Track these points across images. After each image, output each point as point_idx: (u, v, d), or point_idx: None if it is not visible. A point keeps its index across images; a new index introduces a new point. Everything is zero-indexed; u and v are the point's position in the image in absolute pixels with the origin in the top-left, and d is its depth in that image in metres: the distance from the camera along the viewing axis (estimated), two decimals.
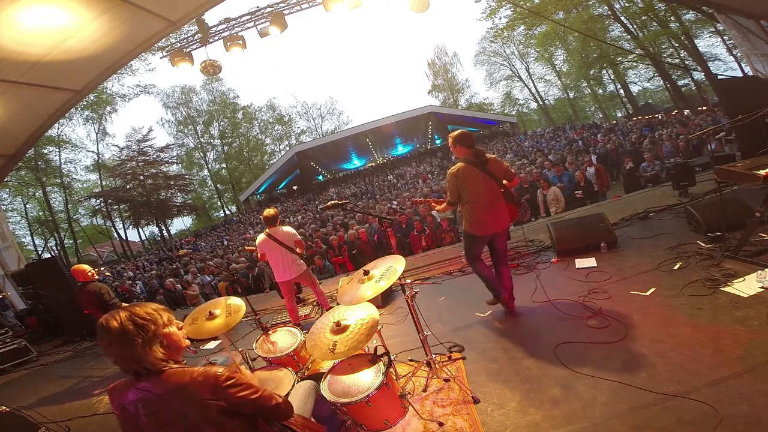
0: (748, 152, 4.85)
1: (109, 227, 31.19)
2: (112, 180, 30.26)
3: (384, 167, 28.24)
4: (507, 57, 35.89)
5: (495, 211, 2.95)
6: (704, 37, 21.82)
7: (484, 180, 2.90)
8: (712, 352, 2.10)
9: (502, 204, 2.98)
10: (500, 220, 2.99)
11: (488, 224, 2.97)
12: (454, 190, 3.00)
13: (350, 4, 5.98)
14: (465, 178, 2.90)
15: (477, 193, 2.91)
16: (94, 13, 4.18)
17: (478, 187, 2.90)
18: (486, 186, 2.90)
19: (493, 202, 2.93)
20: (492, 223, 2.97)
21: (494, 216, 2.96)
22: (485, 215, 2.94)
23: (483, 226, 2.98)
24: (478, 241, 3.11)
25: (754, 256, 2.88)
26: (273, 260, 3.84)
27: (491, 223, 2.97)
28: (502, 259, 3.19)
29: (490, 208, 2.94)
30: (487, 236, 3.05)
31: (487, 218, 2.95)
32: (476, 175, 2.89)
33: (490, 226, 2.98)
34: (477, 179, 2.89)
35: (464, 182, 2.91)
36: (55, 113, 6.03)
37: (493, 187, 2.92)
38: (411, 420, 2.14)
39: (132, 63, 24.04)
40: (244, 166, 39.10)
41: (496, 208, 2.95)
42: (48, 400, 3.88)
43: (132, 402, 1.18)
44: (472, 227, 3.03)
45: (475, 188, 2.90)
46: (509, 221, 3.08)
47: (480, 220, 2.96)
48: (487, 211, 2.93)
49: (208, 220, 36.58)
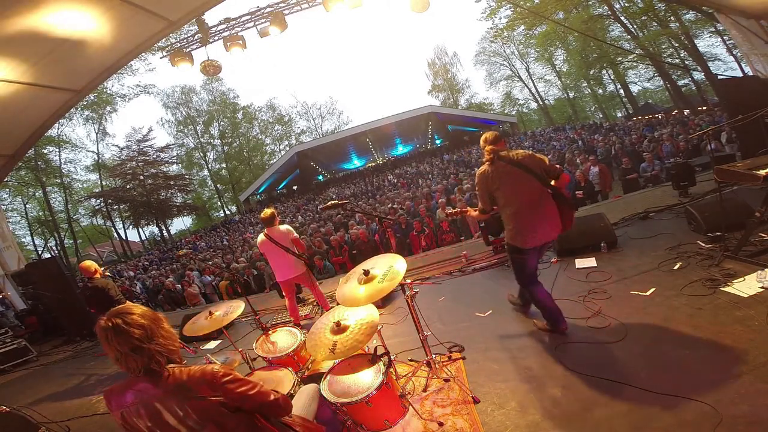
0: (748, 152, 4.86)
1: (109, 227, 31.24)
2: (112, 180, 30.30)
3: (384, 167, 28.24)
4: (507, 57, 35.91)
5: (542, 215, 2.42)
6: (704, 37, 21.84)
7: (522, 178, 2.40)
8: (712, 352, 2.10)
9: (551, 207, 2.43)
10: (551, 227, 2.44)
11: (536, 231, 2.42)
12: (484, 194, 2.55)
13: (350, 4, 5.98)
14: (496, 177, 2.44)
15: (515, 193, 2.42)
16: (94, 13, 4.18)
17: (516, 186, 2.41)
18: (526, 185, 2.41)
19: (538, 203, 2.41)
20: (540, 229, 2.42)
21: (542, 221, 2.42)
22: (530, 220, 2.42)
23: (530, 234, 2.43)
24: (528, 256, 2.53)
25: (754, 256, 2.88)
26: (273, 260, 3.84)
27: (540, 230, 2.42)
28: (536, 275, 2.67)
29: (535, 211, 2.41)
30: (537, 248, 2.50)
31: (534, 223, 2.42)
32: (510, 173, 2.40)
33: (538, 233, 2.43)
34: (512, 177, 2.40)
35: (495, 182, 2.45)
36: (55, 113, 6.03)
37: (535, 186, 2.42)
38: (411, 420, 2.14)
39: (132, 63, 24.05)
40: (244, 166, 39.09)
41: (542, 211, 2.42)
42: (48, 400, 3.88)
43: (131, 404, 1.19)
44: (516, 238, 2.48)
45: (510, 188, 2.42)
46: (561, 229, 2.49)
47: (525, 226, 2.43)
48: (532, 215, 2.42)
49: (208, 220, 36.57)
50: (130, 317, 1.19)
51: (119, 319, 1.17)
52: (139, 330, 1.17)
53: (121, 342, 1.15)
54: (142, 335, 1.17)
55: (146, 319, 1.22)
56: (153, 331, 1.21)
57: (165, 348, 1.23)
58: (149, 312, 1.25)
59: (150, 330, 1.20)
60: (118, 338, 1.15)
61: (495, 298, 3.56)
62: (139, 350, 1.16)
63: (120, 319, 1.17)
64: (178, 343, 1.30)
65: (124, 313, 1.19)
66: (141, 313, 1.22)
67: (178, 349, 1.29)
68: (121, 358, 1.17)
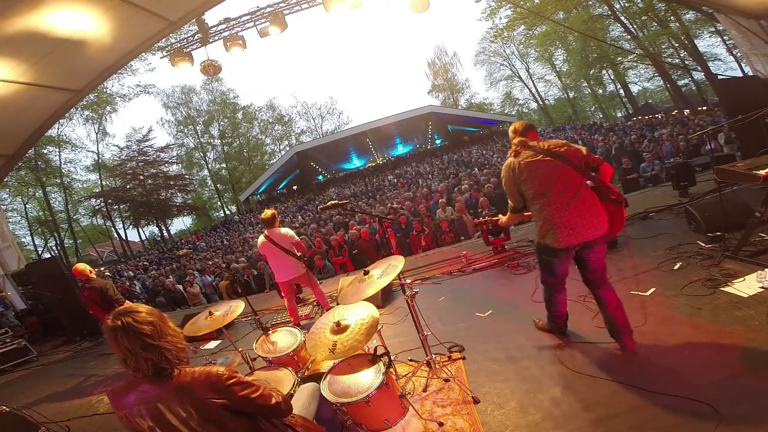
0: (748, 152, 4.86)
1: (109, 227, 31.26)
2: (112, 180, 30.32)
3: (384, 167, 28.24)
4: (507, 57, 35.95)
5: (580, 210, 2.09)
6: (704, 37, 21.87)
7: (555, 167, 2.10)
8: (712, 352, 2.10)
9: (593, 201, 2.12)
10: (593, 223, 2.10)
11: (574, 227, 2.10)
12: (512, 189, 2.26)
13: (350, 4, 5.99)
14: (523, 167, 2.16)
15: (546, 184, 2.12)
16: (94, 13, 4.19)
17: (548, 176, 2.11)
18: (560, 175, 2.09)
19: (576, 195, 2.09)
20: (580, 225, 2.09)
21: (581, 216, 2.09)
22: (566, 214, 2.09)
23: (565, 230, 2.11)
24: (560, 258, 2.23)
25: (754, 256, 2.88)
26: (273, 262, 3.83)
27: (579, 226, 2.09)
28: (598, 279, 2.28)
29: (573, 204, 2.09)
30: (569, 248, 2.16)
31: (571, 218, 2.09)
32: (541, 162, 2.12)
33: (577, 229, 2.09)
34: (543, 167, 2.11)
35: (522, 173, 2.16)
36: (55, 113, 6.04)
37: (572, 176, 2.09)
38: (411, 420, 2.14)
39: (132, 63, 24.06)
40: (244, 166, 39.10)
41: (582, 205, 2.09)
42: (48, 400, 3.87)
43: (134, 404, 1.19)
44: (547, 236, 2.18)
45: (541, 179, 2.12)
46: (606, 226, 2.14)
47: (559, 221, 2.11)
48: (568, 208, 2.09)
49: (208, 220, 36.59)
50: (139, 315, 1.19)
51: (129, 318, 1.17)
52: (149, 327, 1.18)
53: (132, 340, 1.15)
54: (152, 332, 1.18)
55: (153, 316, 1.22)
56: (161, 329, 1.21)
57: (174, 346, 1.23)
58: (155, 310, 1.26)
59: (159, 327, 1.21)
60: (128, 337, 1.15)
61: (495, 298, 3.56)
62: (150, 348, 1.17)
63: (129, 317, 1.17)
64: (184, 342, 1.31)
65: (131, 312, 1.20)
66: (148, 311, 1.23)
67: (186, 348, 1.30)
68: (131, 357, 1.16)
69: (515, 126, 2.33)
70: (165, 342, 1.20)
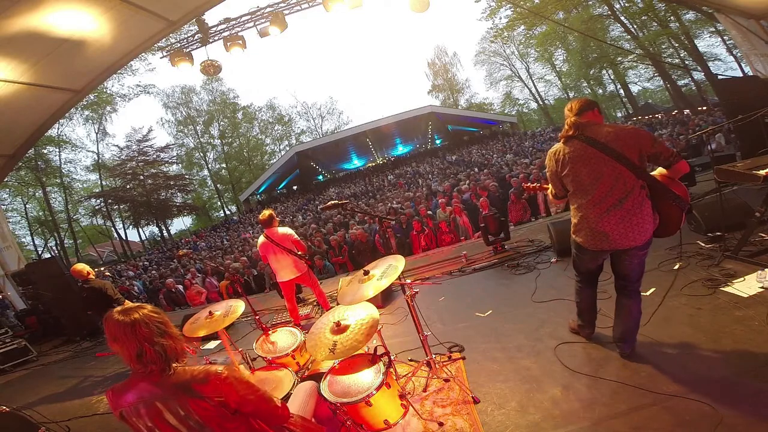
0: (748, 152, 4.86)
1: (109, 227, 31.23)
2: (112, 180, 30.31)
3: (384, 167, 28.25)
4: (507, 57, 35.95)
5: (620, 217, 1.90)
6: (704, 37, 21.90)
7: (602, 163, 1.87)
8: (712, 352, 2.10)
9: (639, 207, 1.88)
10: (630, 233, 1.90)
11: (607, 235, 1.93)
12: (554, 179, 2.11)
13: (350, 4, 5.99)
14: (568, 162, 1.97)
15: (588, 186, 1.93)
16: (94, 13, 4.19)
17: (590, 174, 1.90)
18: (606, 173, 1.87)
19: (620, 200, 1.88)
20: (615, 233, 1.92)
21: (619, 224, 1.90)
22: (600, 222, 1.94)
23: (596, 236, 1.98)
24: (586, 258, 2.16)
25: (754, 256, 2.88)
26: (274, 262, 3.83)
27: (614, 234, 1.92)
28: (627, 286, 2.13)
29: (613, 209, 1.90)
30: (597, 252, 2.05)
31: (606, 225, 1.92)
32: (586, 155, 1.90)
33: (611, 237, 1.93)
34: (587, 161, 1.90)
35: (565, 165, 1.98)
36: (55, 113, 6.04)
37: (620, 176, 1.86)
38: (411, 420, 2.14)
39: (132, 63, 24.05)
40: (244, 166, 39.10)
41: (623, 212, 1.89)
42: (48, 400, 3.87)
43: (132, 403, 1.19)
44: (579, 233, 2.07)
45: (582, 176, 1.93)
46: (649, 234, 1.95)
47: (591, 227, 1.98)
48: (603, 216, 1.92)
49: (208, 220, 36.60)
50: (145, 312, 1.21)
51: (137, 314, 1.19)
52: (156, 324, 1.21)
53: (140, 336, 1.16)
54: (160, 328, 1.21)
55: (158, 314, 1.25)
56: (166, 326, 1.24)
57: (176, 345, 1.24)
58: (158, 309, 1.28)
59: (165, 324, 1.24)
60: (136, 332, 1.16)
61: (495, 298, 3.56)
62: (157, 344, 1.18)
63: (137, 314, 1.19)
64: (183, 343, 1.32)
65: (138, 309, 1.22)
66: (152, 309, 1.25)
67: (184, 348, 1.31)
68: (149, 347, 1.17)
69: (571, 104, 2.06)
70: (169, 340, 1.22)
